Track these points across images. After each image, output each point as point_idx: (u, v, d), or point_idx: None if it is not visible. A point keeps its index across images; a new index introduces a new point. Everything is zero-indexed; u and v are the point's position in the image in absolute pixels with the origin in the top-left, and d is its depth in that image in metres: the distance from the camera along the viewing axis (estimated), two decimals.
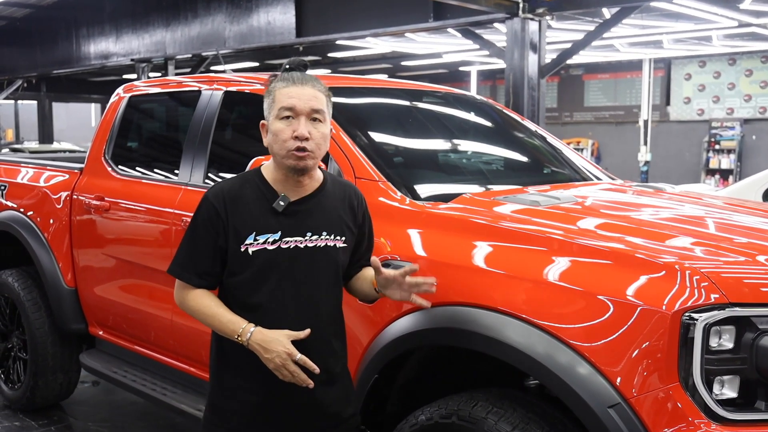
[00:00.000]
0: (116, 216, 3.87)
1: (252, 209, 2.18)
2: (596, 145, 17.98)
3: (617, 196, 3.18)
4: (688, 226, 2.62)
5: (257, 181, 2.23)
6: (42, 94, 21.64)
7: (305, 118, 2.14)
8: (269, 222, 2.17)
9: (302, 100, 2.14)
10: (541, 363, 2.11)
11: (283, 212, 2.18)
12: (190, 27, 10.41)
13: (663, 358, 2.01)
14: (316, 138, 2.14)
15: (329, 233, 2.22)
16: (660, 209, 2.94)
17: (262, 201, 2.19)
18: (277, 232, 2.17)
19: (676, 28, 10.83)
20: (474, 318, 2.26)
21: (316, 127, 2.15)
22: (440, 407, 2.36)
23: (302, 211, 2.20)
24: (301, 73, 2.22)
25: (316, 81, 2.21)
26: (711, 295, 2.03)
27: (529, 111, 7.04)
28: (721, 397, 2.02)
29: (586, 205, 2.84)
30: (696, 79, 16.51)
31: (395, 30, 8.25)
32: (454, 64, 17.27)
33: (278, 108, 2.15)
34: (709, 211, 3.00)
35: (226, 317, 2.15)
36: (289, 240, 2.17)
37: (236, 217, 2.17)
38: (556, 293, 2.18)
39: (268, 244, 2.16)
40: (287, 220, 2.18)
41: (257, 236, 2.16)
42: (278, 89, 2.18)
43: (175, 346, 3.59)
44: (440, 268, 2.42)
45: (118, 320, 3.98)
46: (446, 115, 3.74)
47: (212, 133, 3.55)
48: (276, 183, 2.21)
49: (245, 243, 2.15)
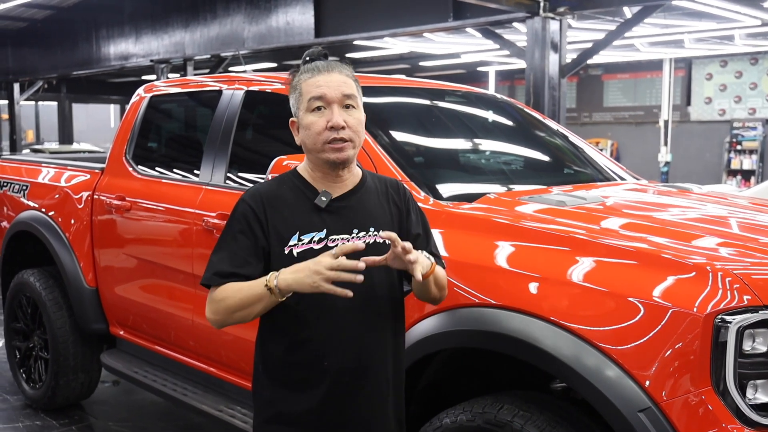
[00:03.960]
0: (137, 216, 3.87)
1: (293, 209, 2.02)
2: (615, 145, 17.84)
3: (642, 197, 3.14)
4: (715, 227, 2.57)
5: (295, 181, 2.07)
6: (62, 95, 21.84)
7: (338, 106, 1.98)
8: (312, 220, 2.01)
9: (331, 87, 1.98)
10: (569, 365, 2.07)
11: (326, 209, 2.02)
12: (209, 28, 10.43)
13: (695, 361, 1.96)
14: (352, 125, 1.99)
15: (377, 229, 2.03)
16: (687, 209, 2.90)
17: (302, 199, 2.03)
18: (322, 230, 2.00)
19: (698, 27, 10.71)
20: (499, 319, 2.23)
21: (351, 114, 2.00)
22: (465, 410, 2.33)
23: (346, 207, 2.04)
24: (325, 61, 2.07)
25: (343, 66, 2.06)
26: (744, 297, 1.99)
27: (549, 111, 6.98)
28: (755, 402, 1.98)
29: (611, 205, 2.80)
30: (717, 78, 16.34)
31: (414, 30, 8.20)
32: (472, 65, 17.20)
33: (307, 100, 1.99)
34: (735, 212, 2.95)
35: (253, 282, 1.93)
36: (336, 238, 2.00)
37: (276, 218, 2.00)
38: (583, 295, 2.14)
39: (313, 243, 1.99)
40: (331, 217, 2.02)
41: (301, 236, 1.99)
42: (304, 81, 2.02)
43: (195, 346, 3.58)
44: (464, 269, 2.39)
45: (139, 320, 3.98)
46: (468, 114, 3.71)
47: (233, 132, 3.54)
48: (314, 181, 2.05)
49: (289, 245, 1.99)
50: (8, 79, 15.91)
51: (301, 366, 2.02)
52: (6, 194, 4.98)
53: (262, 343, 2.11)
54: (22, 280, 4.65)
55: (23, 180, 4.85)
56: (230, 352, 3.38)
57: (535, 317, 2.17)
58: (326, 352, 2.00)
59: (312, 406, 2.01)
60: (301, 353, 2.01)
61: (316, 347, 2.00)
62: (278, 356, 2.05)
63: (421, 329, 2.44)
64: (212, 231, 3.32)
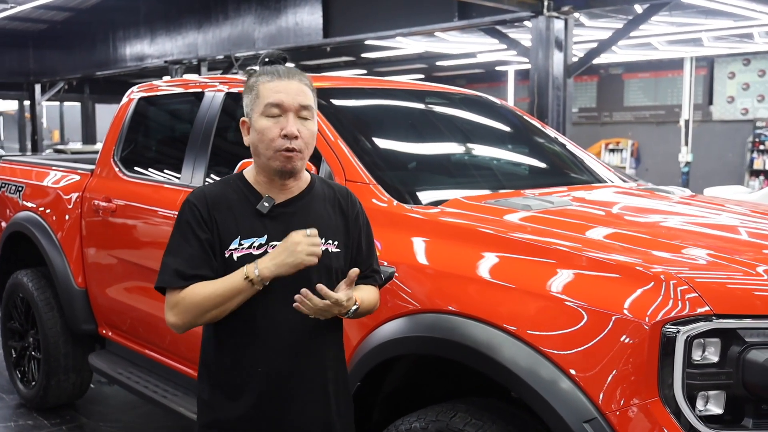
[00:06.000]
0: (121, 217, 3.88)
1: (235, 212, 2.01)
2: (636, 145, 17.62)
3: (619, 200, 3.06)
4: (681, 233, 2.51)
5: (240, 184, 2.07)
6: (85, 95, 22.12)
7: (294, 115, 1.98)
8: (254, 225, 2.01)
9: (290, 95, 1.98)
10: (513, 372, 2.02)
11: (269, 215, 2.01)
12: (221, 28, 10.49)
13: (642, 371, 1.91)
14: (305, 136, 1.99)
15: (320, 237, 2.01)
16: (662, 214, 2.83)
17: (245, 204, 2.03)
18: (263, 236, 2.00)
19: (714, 25, 10.53)
20: (442, 324, 2.19)
21: (305, 124, 1.99)
22: (419, 417, 2.30)
23: (289, 213, 2.03)
24: (286, 67, 2.06)
25: (302, 75, 2.06)
26: (696, 306, 1.92)
27: (554, 111, 6.90)
28: (707, 413, 1.92)
29: (580, 209, 2.74)
30: (740, 77, 16.06)
31: (420, 30, 8.17)
32: (490, 64, 17.09)
33: (264, 104, 1.98)
34: (716, 217, 2.88)
35: (229, 276, 1.95)
36: (276, 244, 1.98)
37: (220, 221, 2.00)
38: (527, 300, 2.10)
39: (253, 248, 1.99)
40: (273, 223, 2.01)
41: (242, 240, 1.99)
42: (262, 83, 2.00)
43: (174, 347, 3.58)
44: (419, 273, 2.35)
45: (123, 321, 4.00)
46: (445, 115, 3.64)
47: (213, 134, 3.53)
48: (259, 185, 2.05)
49: (229, 248, 1.99)
50: (29, 80, 16.16)
51: (236, 371, 2.02)
52: (4, 195, 5.03)
53: (204, 347, 2.11)
54: (16, 280, 4.70)
55: (19, 181, 4.90)
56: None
57: (478, 321, 2.12)
58: (261, 357, 2.00)
59: (245, 412, 2.01)
60: (237, 358, 2.02)
61: (252, 352, 2.00)
62: (217, 361, 2.05)
63: (377, 336, 2.41)
64: None
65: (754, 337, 1.91)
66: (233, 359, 2.02)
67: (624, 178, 3.70)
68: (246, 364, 2.01)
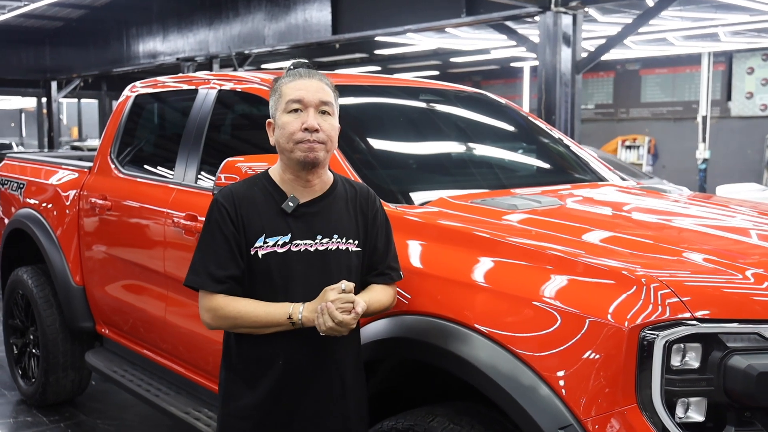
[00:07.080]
0: (116, 215, 3.87)
1: (261, 211, 2.10)
2: (653, 142, 17.42)
3: (611, 199, 2.99)
4: (675, 234, 2.44)
5: (265, 183, 2.15)
6: (102, 92, 22.28)
7: (314, 110, 2.08)
8: (279, 224, 2.09)
9: (310, 91, 2.08)
10: (488, 375, 1.98)
11: (293, 214, 2.10)
12: (231, 26, 10.50)
13: (620, 377, 1.85)
14: (326, 129, 2.08)
15: (341, 236, 2.13)
16: (654, 214, 2.76)
17: (270, 203, 2.11)
18: (287, 235, 2.08)
19: (730, 20, 10.36)
20: (418, 326, 2.15)
21: (326, 119, 2.09)
22: (399, 420, 2.26)
23: (312, 213, 2.12)
24: (307, 69, 2.18)
25: (323, 76, 2.17)
26: (677, 310, 1.86)
27: (562, 108, 6.81)
28: (687, 421, 1.86)
29: (568, 208, 2.68)
30: (759, 73, 15.82)
31: (428, 26, 8.13)
32: (504, 60, 16.99)
33: (285, 101, 2.09)
34: (712, 218, 2.80)
35: (273, 306, 2.05)
36: (300, 243, 2.09)
37: (246, 219, 2.09)
38: (502, 301, 2.05)
39: (278, 247, 2.08)
40: (297, 222, 2.10)
41: (267, 239, 2.08)
42: (285, 84, 2.13)
43: (168, 346, 3.57)
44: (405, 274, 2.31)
45: (119, 319, 3.99)
46: (439, 113, 3.58)
47: (205, 132, 3.51)
48: (284, 184, 2.14)
49: (255, 246, 2.08)
50: (46, 77, 16.29)
51: (256, 363, 2.12)
52: (6, 192, 5.05)
53: (226, 339, 2.20)
54: (17, 277, 4.71)
55: (21, 178, 4.91)
56: (201, 354, 3.35)
57: (452, 322, 2.08)
58: (282, 351, 2.09)
59: (262, 400, 2.11)
60: (258, 350, 2.11)
61: (273, 346, 2.09)
62: (239, 352, 2.15)
63: None
64: (182, 231, 3.29)
65: (736, 342, 1.85)
66: (254, 351, 2.11)
67: (623, 176, 3.63)
68: (266, 357, 2.10)
